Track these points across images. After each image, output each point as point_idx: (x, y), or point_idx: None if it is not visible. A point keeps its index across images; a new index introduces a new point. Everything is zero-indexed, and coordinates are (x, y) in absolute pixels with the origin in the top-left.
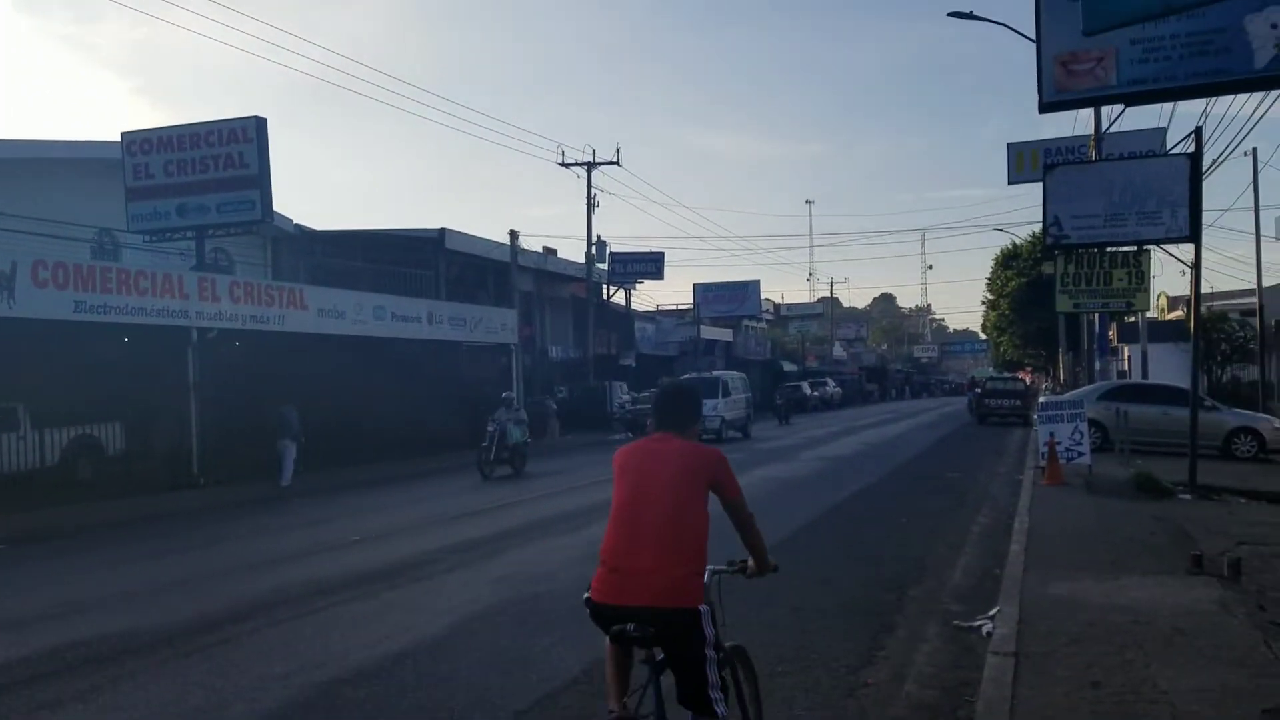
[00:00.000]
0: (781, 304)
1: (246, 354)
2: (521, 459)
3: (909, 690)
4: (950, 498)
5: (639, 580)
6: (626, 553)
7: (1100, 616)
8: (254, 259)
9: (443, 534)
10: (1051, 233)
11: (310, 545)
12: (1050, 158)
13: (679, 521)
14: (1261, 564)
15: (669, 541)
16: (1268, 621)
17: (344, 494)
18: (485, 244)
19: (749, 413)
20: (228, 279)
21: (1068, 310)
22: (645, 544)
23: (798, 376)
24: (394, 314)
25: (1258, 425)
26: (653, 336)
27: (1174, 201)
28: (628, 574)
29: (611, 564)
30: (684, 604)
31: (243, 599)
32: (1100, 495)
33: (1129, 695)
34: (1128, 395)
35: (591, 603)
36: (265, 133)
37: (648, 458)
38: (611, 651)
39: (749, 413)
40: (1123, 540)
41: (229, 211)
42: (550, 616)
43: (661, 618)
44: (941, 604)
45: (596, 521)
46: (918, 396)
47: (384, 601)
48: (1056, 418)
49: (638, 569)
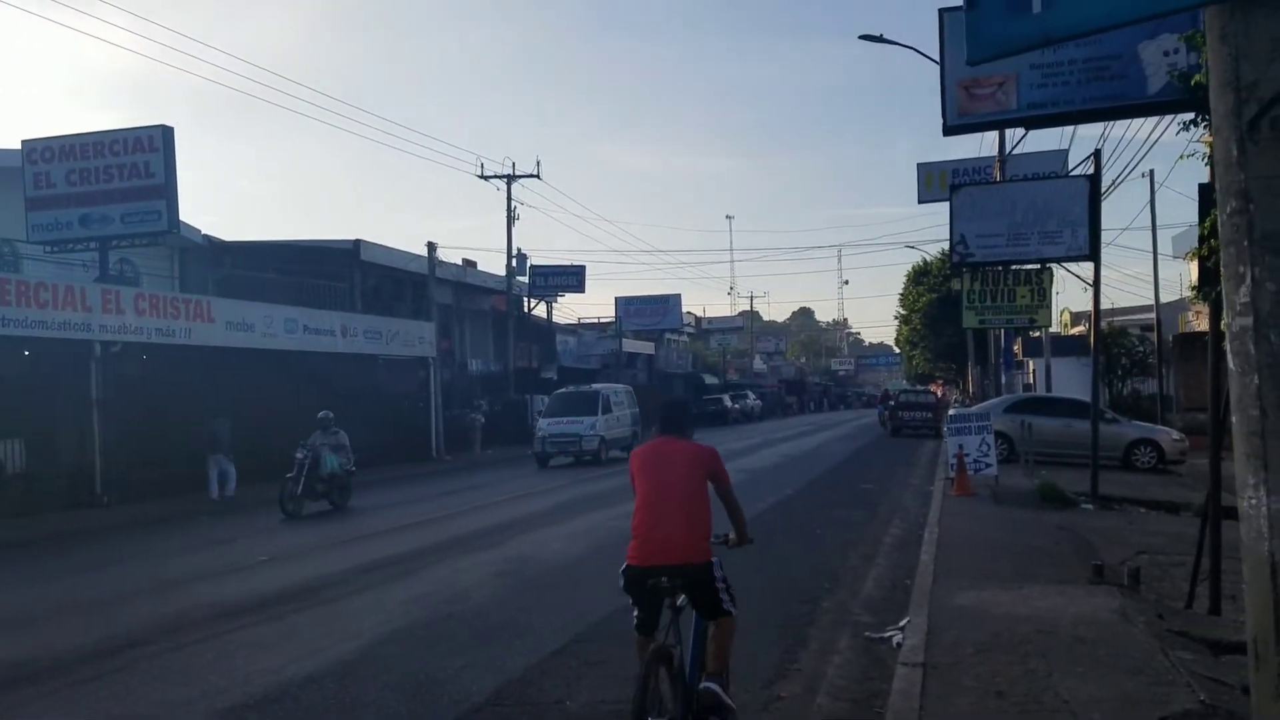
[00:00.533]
0: (703, 317)
1: (153, 368)
2: (342, 491)
3: (821, 703)
4: (864, 509)
5: (668, 546)
6: (656, 525)
7: (1005, 626)
8: (160, 270)
9: (354, 554)
10: (958, 251)
11: (216, 566)
12: (957, 178)
13: (692, 503)
14: (1160, 573)
15: (686, 518)
16: (1166, 630)
17: (251, 513)
18: (402, 256)
19: (636, 429)
20: (132, 291)
21: (974, 326)
22: (670, 520)
23: (719, 389)
24: (306, 327)
25: (1156, 437)
26: (574, 350)
27: (1074, 221)
28: (659, 542)
29: (644, 535)
30: (702, 560)
31: (143, 622)
32: (1006, 506)
33: (1032, 704)
34: (1032, 408)
35: (630, 568)
36: (172, 141)
37: (662, 456)
38: (639, 642)
39: (636, 429)
40: (1027, 550)
41: (134, 222)
42: (461, 638)
43: (686, 572)
44: (853, 615)
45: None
46: (835, 409)
47: (290, 624)
48: (965, 430)
49: (666, 538)
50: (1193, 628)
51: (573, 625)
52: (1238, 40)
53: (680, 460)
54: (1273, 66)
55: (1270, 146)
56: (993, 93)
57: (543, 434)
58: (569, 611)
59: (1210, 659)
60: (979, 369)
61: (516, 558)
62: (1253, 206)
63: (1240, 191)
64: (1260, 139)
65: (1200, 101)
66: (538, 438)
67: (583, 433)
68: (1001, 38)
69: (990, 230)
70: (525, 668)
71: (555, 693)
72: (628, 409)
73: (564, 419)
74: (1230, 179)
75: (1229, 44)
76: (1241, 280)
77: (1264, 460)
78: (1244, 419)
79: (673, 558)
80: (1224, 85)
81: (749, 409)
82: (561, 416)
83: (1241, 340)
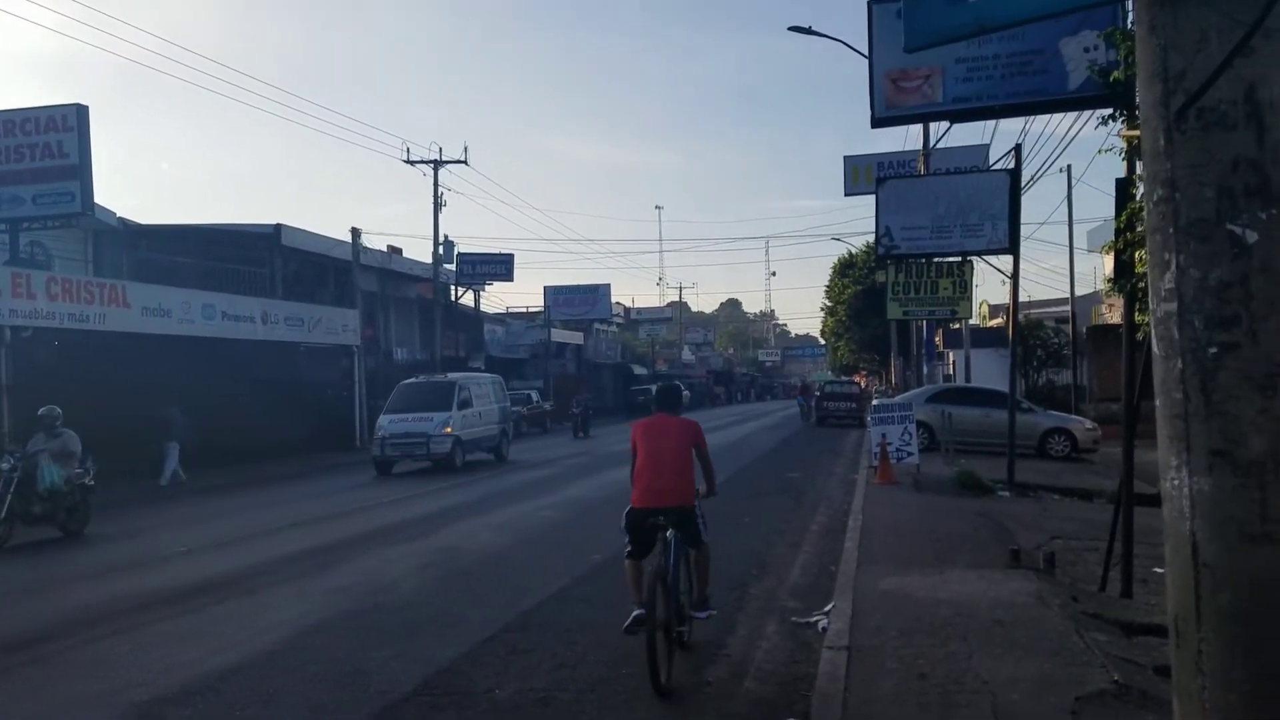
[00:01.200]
0: (632, 308)
1: (66, 355)
2: (73, 513)
3: (749, 686)
4: (790, 497)
5: (665, 493)
6: (655, 479)
7: (927, 610)
8: (74, 254)
9: (277, 544)
10: (883, 243)
11: (133, 557)
12: (882, 171)
13: (682, 462)
14: (1074, 557)
15: (677, 473)
16: (1080, 612)
17: (169, 504)
18: (325, 241)
19: (505, 427)
20: (44, 275)
21: (898, 317)
22: (666, 474)
23: (648, 380)
24: (225, 313)
25: (1070, 426)
26: (503, 339)
27: (995, 215)
28: (657, 491)
29: (646, 485)
30: (689, 504)
31: (56, 615)
32: (927, 493)
33: (953, 686)
34: (952, 398)
35: (634, 510)
36: (87, 121)
37: (659, 428)
38: (631, 567)
39: (505, 427)
40: (948, 536)
41: (46, 203)
42: (389, 628)
43: (677, 512)
44: (780, 601)
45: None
46: (762, 399)
47: (211, 615)
48: (888, 419)
49: (663, 488)
50: (1106, 610)
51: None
52: (1167, 31)
53: (673, 431)
54: (1200, 57)
55: (1196, 136)
56: (919, 86)
57: (383, 434)
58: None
59: (1123, 640)
60: (902, 360)
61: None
62: (1178, 195)
63: (1167, 180)
64: (1187, 128)
65: (1119, 97)
66: (376, 439)
67: (431, 432)
68: (938, 26)
69: (915, 223)
70: (454, 658)
71: (484, 682)
72: (494, 403)
73: (409, 416)
74: (1157, 168)
75: (1158, 34)
76: (1166, 267)
77: (1186, 442)
78: (1167, 402)
79: (668, 502)
80: (1152, 75)
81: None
82: (406, 413)
83: (1166, 325)
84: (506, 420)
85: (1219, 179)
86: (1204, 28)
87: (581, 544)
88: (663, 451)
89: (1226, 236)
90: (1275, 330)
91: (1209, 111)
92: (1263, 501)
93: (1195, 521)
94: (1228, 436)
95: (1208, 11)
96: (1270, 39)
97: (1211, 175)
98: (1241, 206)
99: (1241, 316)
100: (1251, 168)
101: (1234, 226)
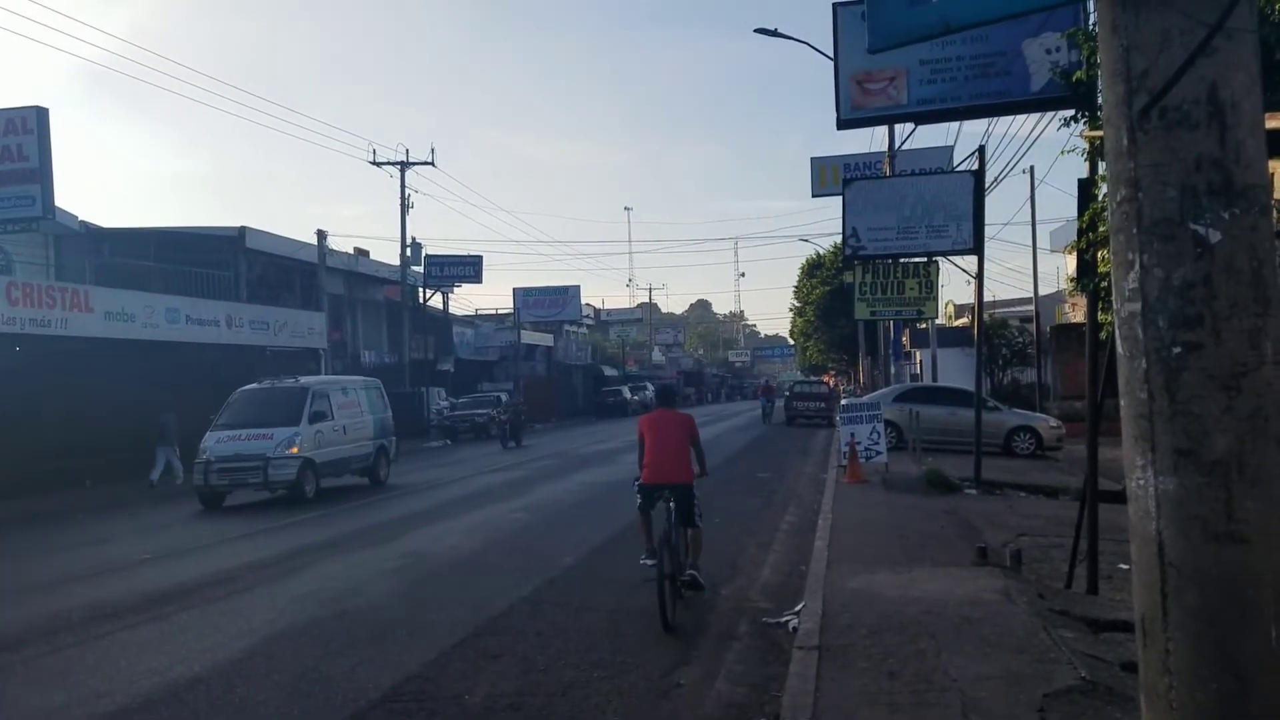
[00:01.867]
0: (602, 309)
1: (28, 360)
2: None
3: (720, 688)
4: (760, 497)
5: (668, 472)
6: (660, 461)
7: (896, 608)
8: (34, 258)
9: (241, 551)
10: (850, 244)
11: (96, 565)
12: (849, 173)
13: (680, 449)
14: (1040, 554)
15: (676, 457)
16: (1047, 610)
17: (136, 509)
18: (290, 244)
19: (385, 443)
20: (4, 279)
21: (866, 317)
22: (668, 458)
23: (618, 381)
24: (189, 317)
25: (1035, 424)
26: (472, 341)
27: (959, 215)
28: (662, 469)
29: (654, 466)
30: (687, 480)
31: (16, 625)
32: (896, 492)
33: (922, 684)
34: (919, 397)
35: (644, 485)
36: (47, 124)
37: (662, 420)
38: (642, 520)
39: (385, 443)
40: (916, 534)
41: (6, 207)
42: (355, 635)
43: (678, 488)
44: (751, 602)
45: None
46: (732, 399)
47: (176, 624)
48: (856, 419)
49: (666, 468)
50: (1072, 607)
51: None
52: (1129, 32)
53: (674, 423)
54: (1162, 57)
55: (1159, 135)
56: (884, 87)
57: (206, 456)
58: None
59: (1090, 637)
60: (870, 359)
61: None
62: (1141, 194)
63: (1130, 179)
64: (1150, 128)
65: (1081, 98)
66: (198, 463)
67: (271, 454)
68: (902, 26)
69: (881, 224)
70: (423, 663)
71: (454, 688)
72: (369, 414)
73: (242, 432)
74: (1120, 167)
75: (1121, 35)
76: (1130, 266)
77: (1151, 442)
78: (1132, 402)
79: (670, 479)
80: (1115, 75)
81: (648, 400)
82: (239, 429)
83: (1130, 325)
84: (387, 435)
85: (1182, 178)
86: (1166, 28)
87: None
88: (665, 440)
89: (1190, 236)
90: (1238, 330)
91: (1172, 111)
92: (1228, 501)
93: (1161, 521)
94: (1192, 436)
95: (1169, 12)
96: (1232, 39)
97: (1174, 174)
98: (1204, 206)
99: (1205, 316)
100: (1214, 166)
101: (1197, 226)
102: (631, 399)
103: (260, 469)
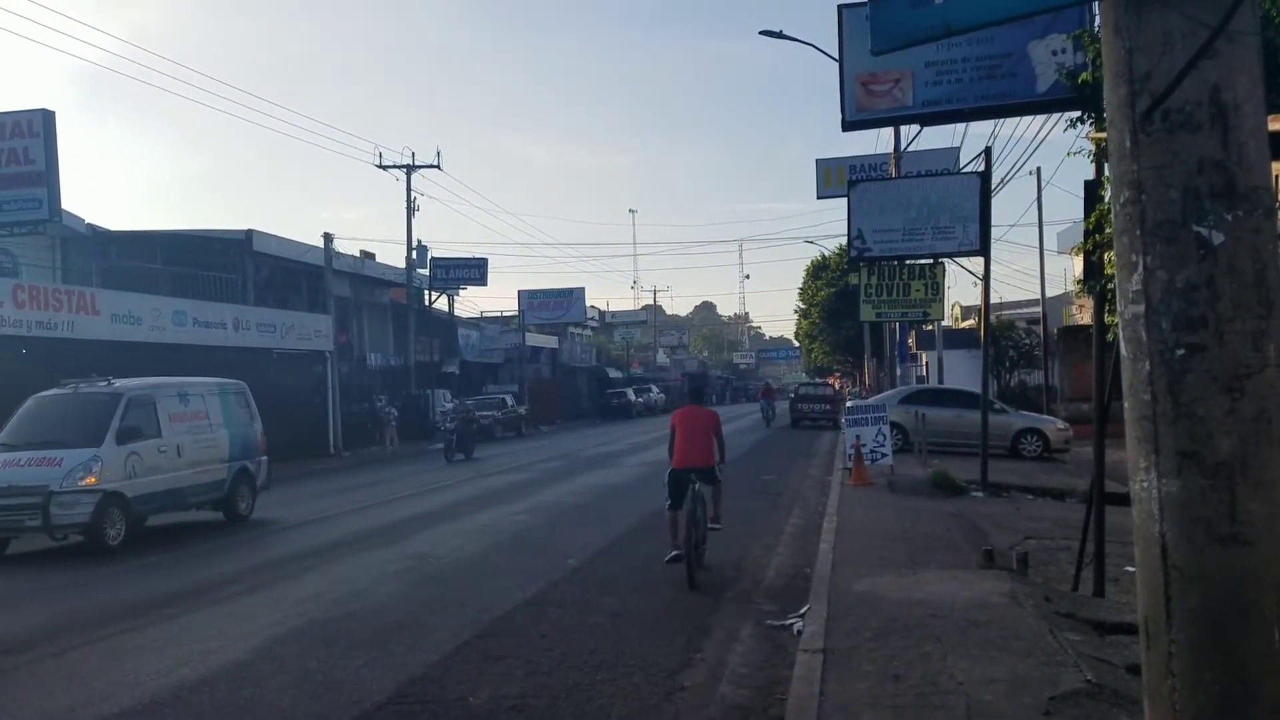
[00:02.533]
0: (606, 311)
1: (35, 363)
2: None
3: (724, 691)
4: (766, 499)
5: (696, 458)
6: (690, 450)
7: (901, 611)
8: (41, 261)
9: (243, 553)
10: (855, 245)
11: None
12: (854, 174)
13: (708, 439)
14: (1047, 557)
15: (704, 445)
16: (1053, 612)
17: None
18: (297, 246)
19: (245, 466)
20: (11, 282)
21: (871, 319)
22: (696, 447)
23: (623, 383)
24: (196, 320)
25: (1042, 426)
26: (477, 344)
27: (966, 217)
28: (690, 456)
29: (683, 454)
30: (712, 464)
31: (22, 626)
32: (901, 494)
33: (927, 687)
34: (925, 399)
35: (674, 470)
36: (54, 126)
37: (691, 415)
38: (670, 515)
39: (245, 466)
40: (921, 537)
41: (13, 210)
42: (360, 637)
43: (704, 470)
44: (756, 604)
45: None
46: (736, 401)
47: (181, 625)
48: (862, 421)
49: (694, 455)
50: (1079, 610)
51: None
52: (1132, 34)
53: (703, 417)
54: (1165, 59)
55: (1162, 137)
56: (889, 89)
57: None
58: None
59: (1096, 639)
60: (875, 361)
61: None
62: (1145, 196)
63: (1133, 182)
64: (1153, 130)
65: (1087, 99)
66: None
67: (56, 486)
68: (905, 28)
69: (887, 225)
70: (427, 665)
71: (458, 690)
72: (223, 428)
73: (23, 455)
74: (1123, 169)
75: (1123, 37)
76: (1134, 269)
77: (1155, 444)
78: (1136, 404)
79: (697, 464)
80: (1118, 77)
81: (652, 402)
82: (20, 450)
83: (1134, 327)
84: (250, 454)
85: (1185, 180)
86: (1168, 30)
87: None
88: (694, 431)
89: (1193, 238)
90: (1241, 332)
91: (1174, 113)
92: (1231, 503)
93: (1164, 523)
94: (1196, 438)
95: (1172, 14)
96: (1234, 42)
97: (1177, 176)
98: (1207, 208)
99: (1208, 318)
100: (1216, 169)
101: (1200, 228)
102: (636, 401)
103: (39, 507)
